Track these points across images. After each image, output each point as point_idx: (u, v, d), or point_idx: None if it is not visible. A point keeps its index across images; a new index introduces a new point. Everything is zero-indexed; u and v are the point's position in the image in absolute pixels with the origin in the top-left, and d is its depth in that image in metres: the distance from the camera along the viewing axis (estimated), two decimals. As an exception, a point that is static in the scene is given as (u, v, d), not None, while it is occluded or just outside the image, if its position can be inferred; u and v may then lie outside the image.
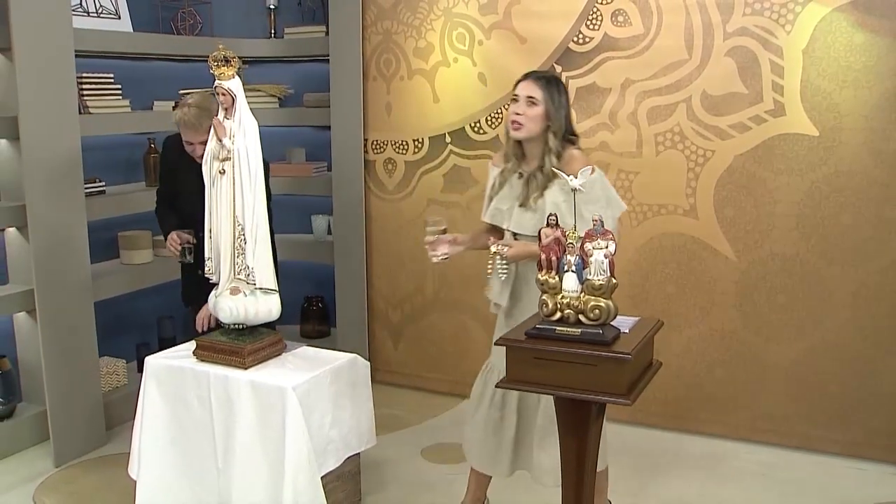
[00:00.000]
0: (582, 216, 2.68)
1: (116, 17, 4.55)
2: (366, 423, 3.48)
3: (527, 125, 2.89)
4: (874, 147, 3.80)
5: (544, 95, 2.89)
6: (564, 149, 2.91)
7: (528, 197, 2.91)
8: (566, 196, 2.80)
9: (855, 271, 3.89)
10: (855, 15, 3.75)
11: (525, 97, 2.91)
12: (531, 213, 2.91)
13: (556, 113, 2.90)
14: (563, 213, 2.73)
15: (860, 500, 3.64)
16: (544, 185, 2.89)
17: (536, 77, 2.95)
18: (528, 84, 2.92)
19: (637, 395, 2.24)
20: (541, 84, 2.91)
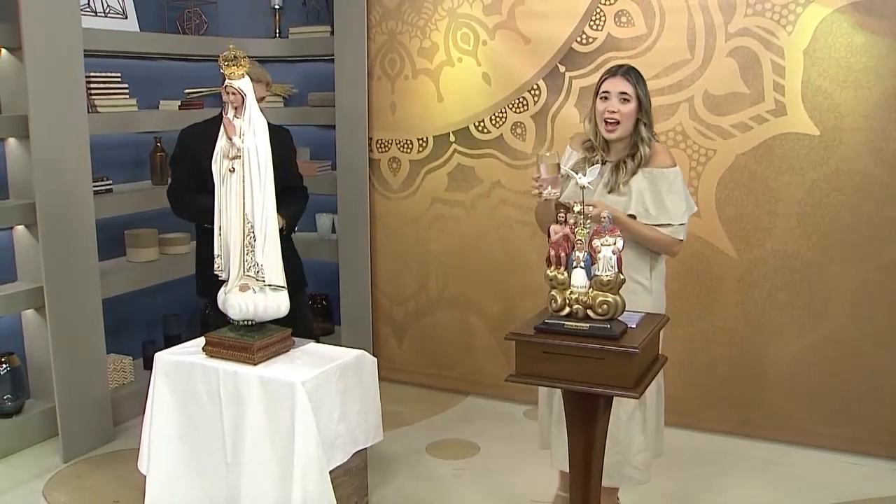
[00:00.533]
0: (664, 206, 2.89)
1: (123, 16, 4.58)
2: (373, 418, 3.52)
3: (623, 122, 2.95)
4: (874, 146, 3.85)
5: (635, 91, 2.94)
6: (652, 140, 3.01)
7: (618, 182, 2.96)
8: (649, 184, 2.92)
9: (855, 269, 3.93)
10: (855, 16, 3.80)
11: (618, 94, 2.94)
12: (619, 196, 2.96)
13: (648, 104, 2.98)
14: (646, 200, 2.89)
15: (861, 495, 3.69)
16: (633, 172, 2.95)
17: (624, 72, 2.98)
18: (619, 80, 2.95)
19: (644, 388, 2.29)
20: (630, 79, 2.95)
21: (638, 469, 3.06)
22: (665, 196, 2.92)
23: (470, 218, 4.76)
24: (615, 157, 3.02)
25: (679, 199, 2.95)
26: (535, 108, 4.50)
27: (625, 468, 3.05)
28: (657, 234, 2.93)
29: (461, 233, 4.80)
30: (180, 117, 4.81)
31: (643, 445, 3.04)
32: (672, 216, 2.93)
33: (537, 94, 4.49)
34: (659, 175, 2.94)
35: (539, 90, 4.47)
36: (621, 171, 2.97)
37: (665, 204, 2.92)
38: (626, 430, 3.01)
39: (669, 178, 2.94)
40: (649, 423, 3.06)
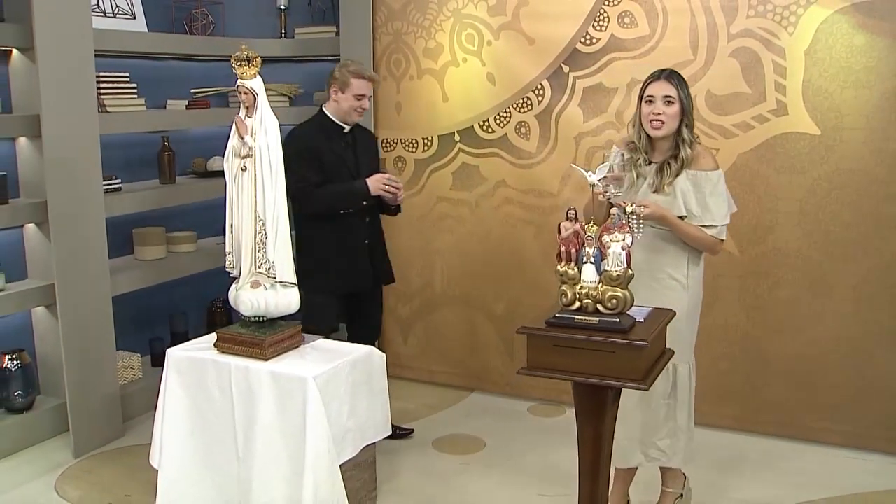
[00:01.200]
0: (708, 207, 3.01)
1: (132, 17, 4.63)
2: (381, 413, 3.57)
3: (668, 123, 3.05)
4: (874, 146, 3.91)
5: (679, 93, 3.05)
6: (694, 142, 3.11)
7: (662, 183, 3.06)
8: (693, 186, 3.03)
9: (856, 266, 3.99)
10: (856, 17, 3.86)
11: (662, 97, 3.05)
12: (663, 196, 3.06)
13: (689, 107, 3.07)
14: (689, 202, 3.00)
15: (861, 489, 3.75)
16: (677, 172, 3.05)
17: (668, 76, 3.09)
18: (663, 84, 3.07)
19: (652, 381, 2.34)
20: (674, 82, 3.06)
21: (663, 451, 3.21)
22: (708, 198, 3.03)
23: (474, 216, 4.81)
24: (659, 159, 3.12)
25: (721, 201, 3.06)
26: (540, 108, 4.55)
27: (650, 449, 3.21)
28: (702, 234, 3.05)
29: (466, 231, 4.85)
30: (188, 117, 4.88)
31: (671, 432, 3.19)
32: (715, 217, 3.04)
33: (541, 94, 4.54)
34: (703, 177, 3.04)
35: (543, 90, 4.53)
36: (665, 173, 3.07)
37: (708, 205, 3.03)
38: (654, 416, 3.18)
39: (713, 180, 3.05)
40: (681, 413, 3.19)
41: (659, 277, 3.11)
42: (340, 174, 3.90)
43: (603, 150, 4.37)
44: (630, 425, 3.15)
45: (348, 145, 3.98)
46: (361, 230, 3.98)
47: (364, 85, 3.89)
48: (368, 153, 4.10)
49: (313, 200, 3.86)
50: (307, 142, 3.88)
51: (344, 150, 3.95)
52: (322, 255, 3.93)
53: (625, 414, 3.03)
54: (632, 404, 3.11)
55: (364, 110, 3.97)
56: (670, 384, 3.17)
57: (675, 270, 3.11)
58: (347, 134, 3.98)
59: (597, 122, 4.43)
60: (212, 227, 5.24)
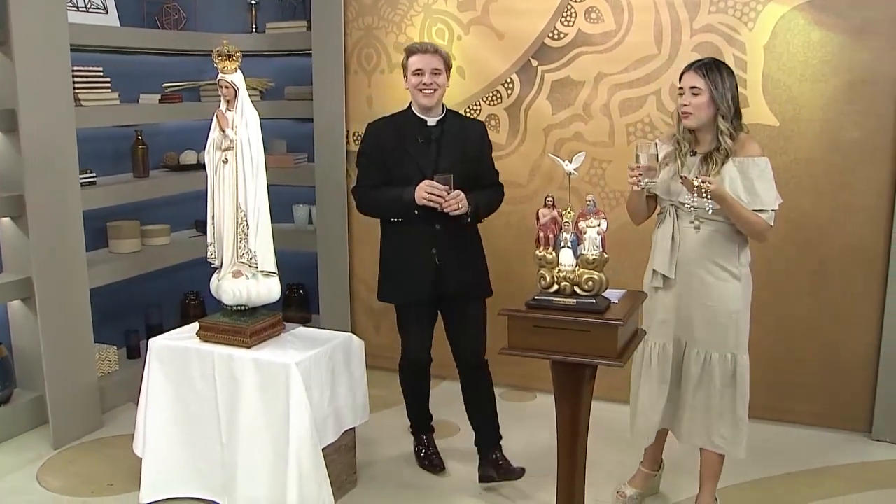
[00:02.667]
0: (756, 192, 3.02)
1: (104, 11, 4.66)
2: (360, 398, 3.68)
3: (695, 113, 3.07)
4: (830, 136, 4.08)
5: (706, 83, 3.05)
6: (737, 131, 3.10)
7: (709, 172, 3.05)
8: (740, 173, 3.05)
9: (814, 252, 4.16)
10: (812, 14, 4.03)
11: (689, 88, 3.08)
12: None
13: (721, 98, 3.05)
14: (737, 188, 3.01)
15: (822, 464, 3.93)
16: (721, 163, 3.06)
17: (697, 66, 3.10)
18: (690, 75, 3.10)
19: (627, 358, 2.47)
20: (701, 73, 3.07)
21: (725, 438, 3.23)
22: (756, 183, 3.04)
23: (445, 207, 4.91)
24: (703, 150, 3.13)
25: (770, 186, 3.06)
26: (509, 101, 4.67)
27: (713, 435, 3.24)
28: (755, 217, 3.03)
29: (437, 222, 4.95)
30: (162, 111, 4.92)
31: (732, 422, 3.22)
32: (764, 202, 3.04)
33: (511, 88, 4.66)
34: (749, 163, 3.05)
35: (512, 84, 4.65)
36: (711, 164, 3.07)
37: (756, 190, 3.03)
38: (715, 404, 3.20)
39: (760, 165, 3.05)
40: (739, 403, 3.22)
41: (712, 270, 3.12)
42: (407, 174, 3.47)
43: (571, 140, 4.52)
44: (694, 408, 3.22)
45: (430, 141, 3.54)
46: (428, 238, 3.54)
47: (419, 59, 3.50)
48: (458, 151, 3.55)
49: (365, 202, 3.65)
50: (373, 137, 3.62)
51: (420, 147, 3.52)
52: (385, 261, 3.71)
53: (686, 400, 3.22)
54: (690, 389, 3.21)
55: (431, 89, 3.50)
56: (730, 374, 3.19)
57: (727, 262, 3.12)
58: (433, 128, 3.56)
59: (565, 115, 4.55)
60: (185, 220, 5.31)
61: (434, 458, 3.87)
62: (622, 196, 4.47)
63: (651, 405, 3.31)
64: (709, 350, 3.17)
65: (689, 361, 3.21)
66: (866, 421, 4.21)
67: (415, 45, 3.59)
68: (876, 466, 3.93)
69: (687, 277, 3.15)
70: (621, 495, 3.54)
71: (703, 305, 3.15)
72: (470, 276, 3.64)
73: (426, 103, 3.51)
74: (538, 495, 3.61)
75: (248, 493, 3.35)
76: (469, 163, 3.56)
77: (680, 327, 3.22)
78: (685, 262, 3.15)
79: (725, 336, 3.16)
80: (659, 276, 3.23)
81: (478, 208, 3.54)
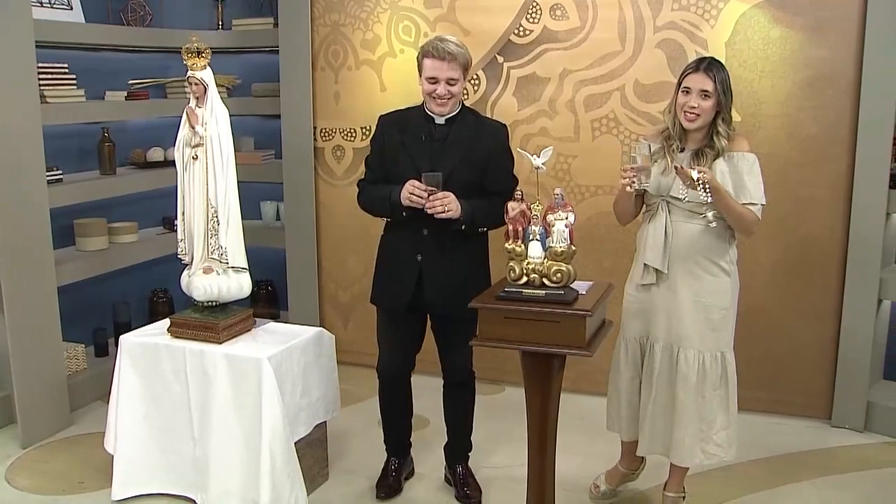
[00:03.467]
0: (744, 186, 3.03)
1: (69, 8, 4.63)
2: (332, 392, 3.71)
3: (703, 116, 3.04)
4: (790, 132, 4.18)
5: (715, 87, 3.02)
6: (731, 130, 3.11)
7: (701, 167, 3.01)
8: (729, 167, 3.05)
9: (774, 244, 4.27)
10: (771, 11, 4.13)
11: (699, 91, 3.02)
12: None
13: (726, 101, 3.06)
14: (727, 182, 3.01)
15: (780, 450, 4.04)
16: (714, 158, 3.06)
17: (707, 67, 3.05)
18: (700, 77, 3.04)
19: (596, 348, 2.53)
20: (711, 76, 3.03)
21: (720, 446, 3.18)
22: (745, 176, 3.04)
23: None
24: (693, 146, 3.12)
25: (758, 181, 3.06)
26: (476, 97, 4.72)
27: (708, 445, 3.17)
28: (745, 210, 3.03)
29: (405, 217, 4.99)
30: (129, 108, 4.91)
31: (725, 423, 3.18)
32: (753, 196, 3.04)
33: (477, 84, 4.71)
34: (739, 157, 3.05)
35: (479, 80, 4.70)
36: (703, 159, 3.07)
37: (745, 184, 3.03)
38: (709, 408, 3.14)
39: (749, 160, 3.06)
40: (731, 401, 3.20)
41: (705, 265, 3.11)
42: (403, 173, 3.25)
43: (537, 136, 4.58)
44: (691, 420, 3.15)
45: (434, 140, 3.30)
46: (413, 243, 3.34)
47: (434, 66, 3.20)
48: (462, 154, 3.28)
49: (361, 199, 3.48)
50: (380, 131, 3.44)
51: (421, 146, 3.30)
52: (377, 263, 3.56)
53: (684, 412, 3.13)
54: (688, 399, 3.13)
55: (444, 99, 3.23)
56: (720, 374, 3.16)
57: (719, 258, 3.12)
58: (440, 127, 3.32)
59: (530, 111, 4.62)
60: (153, 217, 5.30)
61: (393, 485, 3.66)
62: (587, 190, 4.54)
63: (635, 409, 3.29)
64: (702, 351, 3.12)
65: (686, 368, 3.13)
66: (826, 408, 4.32)
67: (431, 47, 3.22)
68: (836, 452, 4.04)
69: (679, 273, 3.12)
70: (595, 488, 3.58)
71: (694, 301, 3.11)
72: (456, 291, 3.15)
73: (439, 112, 3.28)
74: (509, 485, 3.66)
75: (221, 488, 3.37)
76: (473, 168, 3.28)
77: (671, 326, 3.16)
78: (677, 257, 3.11)
79: (717, 334, 3.13)
80: (651, 272, 3.17)
81: (474, 216, 3.22)
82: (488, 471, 3.80)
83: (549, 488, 2.81)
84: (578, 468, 3.79)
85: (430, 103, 3.29)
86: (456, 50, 3.21)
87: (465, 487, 3.59)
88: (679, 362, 3.13)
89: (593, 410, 3.96)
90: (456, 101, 3.31)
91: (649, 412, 3.22)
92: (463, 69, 3.25)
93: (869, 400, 4.22)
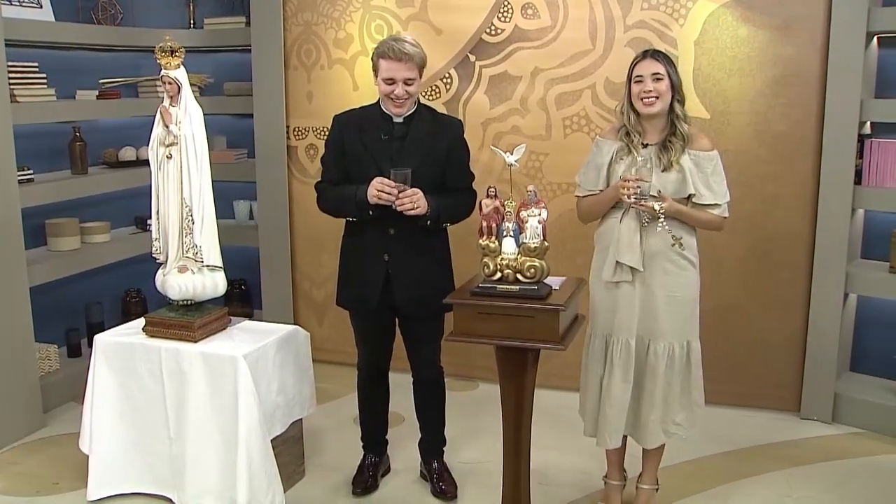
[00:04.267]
0: (711, 187, 3.07)
1: (38, 6, 4.60)
2: (307, 390, 3.73)
3: (661, 98, 3.06)
4: (758, 129, 4.25)
5: (667, 69, 3.07)
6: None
7: (670, 161, 3.06)
8: (695, 166, 3.08)
9: (743, 240, 4.33)
10: (739, 10, 4.19)
11: (650, 74, 3.07)
12: (675, 174, 3.07)
13: (678, 83, 3.10)
14: (695, 180, 3.04)
15: (750, 442, 4.12)
16: (682, 148, 3.08)
17: (653, 54, 3.13)
18: (649, 62, 3.09)
19: (569, 342, 2.57)
20: (660, 59, 3.10)
21: (680, 425, 3.23)
22: (710, 177, 3.08)
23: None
24: (654, 139, 3.13)
25: (721, 179, 3.11)
26: (448, 96, 4.75)
27: (669, 425, 3.23)
28: (708, 216, 3.10)
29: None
30: (101, 107, 4.89)
31: (687, 404, 3.22)
32: (718, 196, 3.09)
33: (449, 83, 4.74)
34: (704, 158, 3.09)
35: (451, 78, 4.73)
36: (671, 150, 3.08)
37: (711, 185, 3.08)
38: (672, 392, 3.19)
39: (713, 160, 3.10)
40: (694, 385, 3.23)
41: (675, 259, 3.13)
42: (365, 173, 3.24)
43: (509, 134, 4.62)
44: (656, 405, 3.19)
45: (393, 139, 3.31)
46: (380, 243, 3.35)
47: (392, 66, 3.19)
48: (422, 152, 3.30)
49: (322, 200, 3.47)
50: (336, 131, 3.40)
51: (382, 145, 3.29)
52: (341, 263, 3.56)
53: (651, 398, 3.18)
54: (656, 387, 3.17)
55: (401, 100, 3.24)
56: (685, 360, 3.19)
57: (687, 251, 3.14)
58: (399, 125, 3.33)
59: (502, 109, 4.66)
60: (125, 216, 5.28)
61: (368, 481, 3.69)
62: (559, 188, 4.59)
63: (620, 408, 3.22)
64: (671, 342, 3.15)
65: (655, 359, 3.17)
66: (795, 401, 4.40)
67: (386, 48, 3.22)
68: (805, 443, 4.12)
69: (653, 269, 3.14)
70: None
71: (669, 297, 3.13)
72: (424, 291, 3.30)
73: (396, 112, 3.29)
74: (483, 479, 3.69)
75: (198, 487, 3.37)
76: (434, 165, 3.30)
77: (644, 321, 3.16)
78: (650, 254, 3.12)
79: (685, 325, 3.17)
80: (626, 270, 3.13)
81: (439, 212, 3.25)
82: (463, 466, 3.84)
83: (523, 480, 2.85)
84: (550, 462, 3.85)
85: (387, 104, 3.30)
86: (412, 50, 3.23)
87: (441, 482, 3.62)
88: (649, 354, 3.17)
89: (563, 405, 4.00)
90: (413, 101, 3.33)
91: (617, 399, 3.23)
92: (419, 68, 3.28)
93: (836, 392, 4.30)
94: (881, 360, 4.41)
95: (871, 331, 4.48)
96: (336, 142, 3.41)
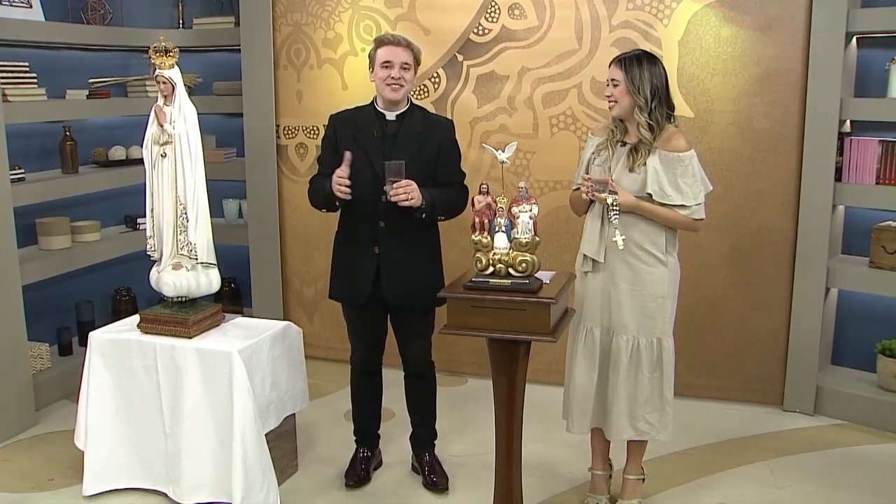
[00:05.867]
0: (679, 188, 3.11)
1: (28, 6, 4.62)
2: (300, 385, 3.78)
3: (619, 103, 3.15)
4: (741, 127, 4.34)
5: (623, 76, 3.12)
6: (663, 123, 3.16)
7: (635, 164, 3.13)
8: (665, 167, 3.12)
9: (727, 236, 4.42)
10: (722, 11, 4.28)
11: (609, 80, 3.18)
12: (637, 176, 3.13)
13: (637, 91, 3.11)
14: (662, 181, 3.10)
15: (735, 434, 4.19)
16: (645, 154, 3.13)
17: (618, 60, 3.19)
18: (612, 68, 3.19)
19: (560, 334, 2.63)
20: (620, 66, 3.15)
21: (652, 425, 3.27)
22: (680, 178, 3.12)
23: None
24: (632, 141, 3.19)
25: (694, 181, 3.15)
26: (436, 95, 4.81)
27: (639, 423, 3.27)
28: (674, 215, 3.13)
29: (368, 214, 5.06)
30: (91, 107, 4.92)
31: (659, 405, 3.26)
32: (687, 198, 3.13)
33: (437, 82, 4.80)
34: (675, 159, 3.12)
35: (439, 78, 4.79)
36: (637, 154, 3.15)
37: (680, 186, 3.12)
38: (642, 389, 3.24)
39: (684, 161, 3.13)
40: (665, 385, 3.27)
41: (637, 254, 3.18)
42: (357, 168, 3.29)
43: (497, 133, 4.69)
44: (619, 399, 3.24)
45: (385, 137, 3.39)
46: (370, 237, 3.41)
47: (389, 51, 3.32)
48: (413, 149, 3.36)
49: (310, 194, 3.55)
50: (332, 129, 3.51)
51: (374, 142, 3.37)
52: (333, 257, 3.62)
53: (615, 390, 3.24)
54: (618, 379, 3.23)
55: (399, 84, 3.33)
56: (655, 358, 3.24)
57: (653, 248, 3.18)
58: (391, 123, 3.42)
59: (490, 108, 4.72)
60: (115, 215, 5.30)
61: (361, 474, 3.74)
62: (546, 185, 4.66)
63: (584, 394, 3.32)
64: (637, 336, 3.20)
65: (618, 351, 3.23)
66: (778, 394, 4.48)
67: (385, 37, 3.40)
68: (789, 435, 4.20)
69: (616, 263, 3.21)
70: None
71: (631, 290, 3.20)
72: (414, 285, 3.40)
73: (392, 97, 3.35)
74: (474, 472, 3.76)
75: (193, 481, 3.41)
76: (424, 162, 3.36)
77: (609, 312, 3.24)
78: (614, 248, 3.16)
79: (653, 321, 3.22)
80: (589, 261, 3.27)
81: (433, 205, 3.32)
82: (454, 459, 3.89)
83: (515, 471, 2.91)
84: (540, 454, 3.91)
85: (383, 91, 3.37)
86: (409, 39, 3.41)
87: (433, 474, 3.68)
88: (613, 346, 3.25)
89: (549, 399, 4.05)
90: (408, 90, 3.42)
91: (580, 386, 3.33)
92: (415, 58, 3.40)
93: (818, 384, 4.38)
94: (862, 354, 4.50)
95: (852, 325, 4.57)
96: (330, 139, 3.50)
